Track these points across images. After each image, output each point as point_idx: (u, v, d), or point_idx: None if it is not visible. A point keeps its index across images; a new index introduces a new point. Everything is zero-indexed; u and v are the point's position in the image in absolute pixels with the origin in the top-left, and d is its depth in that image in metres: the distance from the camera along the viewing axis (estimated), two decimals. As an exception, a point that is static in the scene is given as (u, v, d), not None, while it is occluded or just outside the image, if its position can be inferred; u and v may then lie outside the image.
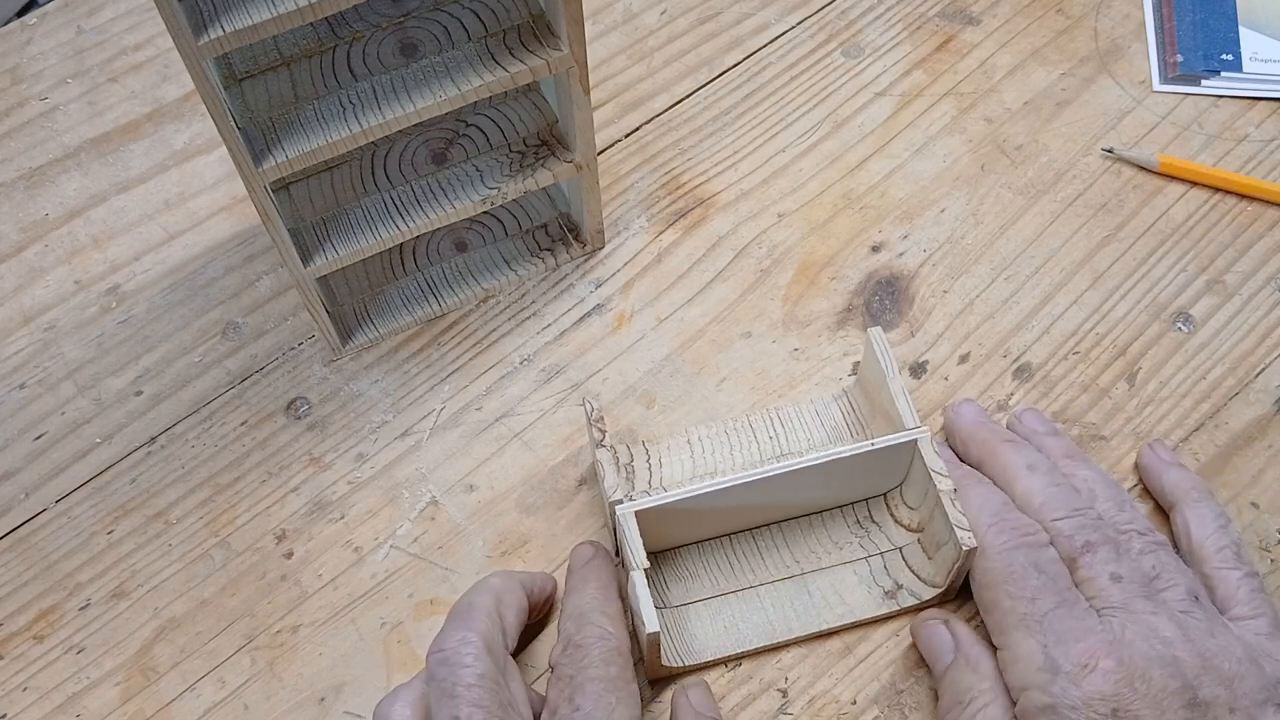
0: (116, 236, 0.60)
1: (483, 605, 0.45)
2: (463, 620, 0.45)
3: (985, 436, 0.50)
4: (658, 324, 0.57)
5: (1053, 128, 0.61)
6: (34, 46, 0.66)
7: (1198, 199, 0.59)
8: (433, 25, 0.50)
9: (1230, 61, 0.62)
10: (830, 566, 0.50)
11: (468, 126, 0.54)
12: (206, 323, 0.58)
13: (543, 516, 0.52)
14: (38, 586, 0.51)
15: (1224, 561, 0.47)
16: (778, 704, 0.48)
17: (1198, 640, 0.43)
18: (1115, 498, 0.48)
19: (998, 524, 0.46)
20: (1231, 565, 0.47)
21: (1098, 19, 0.65)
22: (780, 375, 0.55)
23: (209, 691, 0.49)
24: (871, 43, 0.65)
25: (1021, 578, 0.45)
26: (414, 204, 0.52)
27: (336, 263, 0.51)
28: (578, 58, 0.48)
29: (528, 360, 0.56)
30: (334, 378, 0.56)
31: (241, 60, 0.49)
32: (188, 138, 0.63)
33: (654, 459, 0.51)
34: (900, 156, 0.61)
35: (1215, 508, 0.49)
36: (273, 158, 0.47)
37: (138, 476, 0.54)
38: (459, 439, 0.54)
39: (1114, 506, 0.47)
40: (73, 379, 0.56)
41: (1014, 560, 0.45)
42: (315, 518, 0.53)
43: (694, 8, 0.66)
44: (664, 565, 0.50)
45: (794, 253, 0.58)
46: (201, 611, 0.51)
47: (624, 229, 0.59)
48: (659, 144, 0.62)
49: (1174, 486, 0.50)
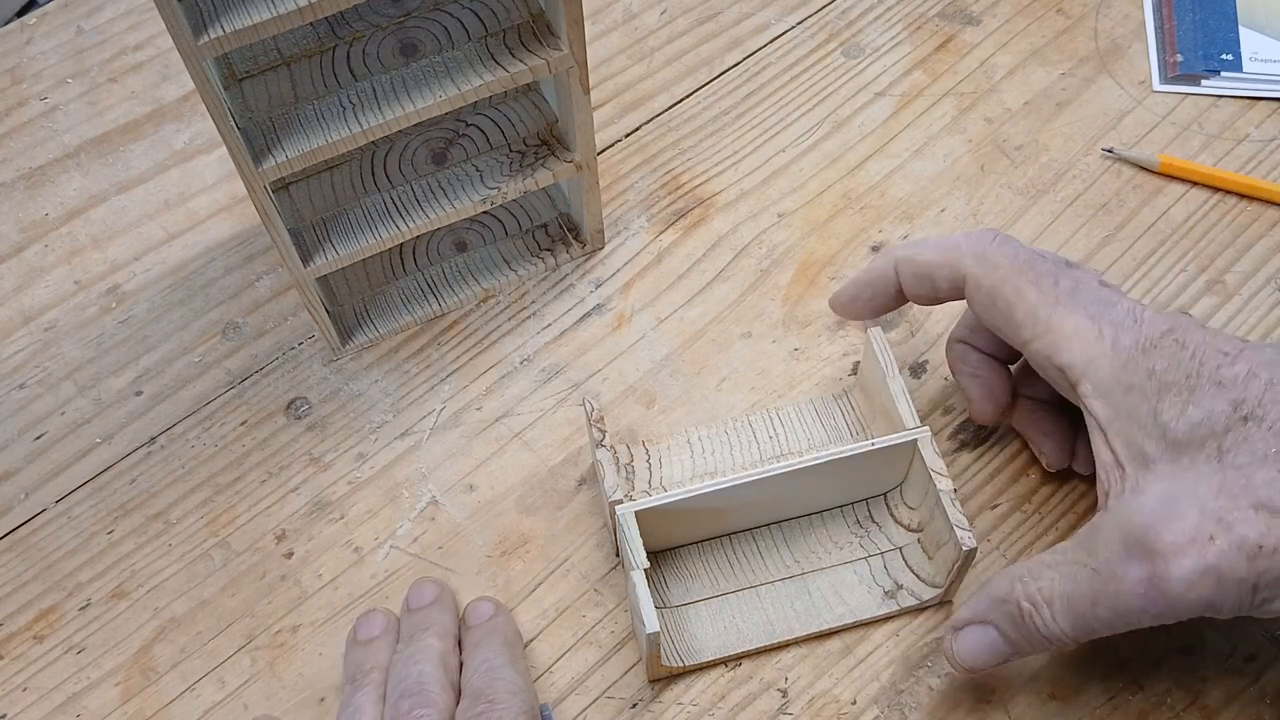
0: (116, 236, 0.60)
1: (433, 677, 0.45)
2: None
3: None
4: (658, 324, 0.57)
5: (1053, 128, 0.61)
6: (34, 46, 0.66)
7: (1198, 199, 0.59)
8: (433, 25, 0.50)
9: (1230, 61, 0.62)
10: (830, 566, 0.50)
11: (468, 126, 0.54)
12: (206, 323, 0.58)
13: (543, 516, 0.52)
14: (38, 586, 0.51)
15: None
16: (778, 704, 0.48)
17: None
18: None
19: (983, 233, 0.46)
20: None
21: (1098, 19, 0.65)
22: (780, 375, 0.55)
23: (209, 691, 0.49)
24: (871, 43, 0.65)
25: (1034, 260, 0.44)
26: (414, 204, 0.52)
27: (336, 263, 0.51)
28: (578, 58, 0.48)
29: (528, 360, 0.56)
30: (334, 378, 0.56)
31: (241, 60, 0.49)
32: (188, 138, 0.63)
33: (654, 459, 0.51)
34: (900, 156, 0.61)
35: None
36: (273, 158, 0.47)
37: (138, 476, 0.54)
38: (459, 439, 0.54)
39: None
40: (73, 379, 0.56)
41: (1018, 251, 0.44)
42: (315, 518, 0.53)
43: (694, 8, 0.66)
44: (664, 565, 0.50)
45: (794, 253, 0.58)
46: (201, 611, 0.51)
47: (624, 229, 0.59)
48: (659, 144, 0.62)
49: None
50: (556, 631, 0.50)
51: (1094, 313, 0.42)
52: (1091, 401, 0.42)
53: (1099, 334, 0.42)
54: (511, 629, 0.48)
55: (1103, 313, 0.42)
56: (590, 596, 0.50)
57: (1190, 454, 0.40)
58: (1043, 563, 0.42)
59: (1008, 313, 0.44)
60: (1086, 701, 0.47)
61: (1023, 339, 0.43)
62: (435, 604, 0.48)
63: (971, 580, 0.50)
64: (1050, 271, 0.43)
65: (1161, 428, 0.40)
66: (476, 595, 0.50)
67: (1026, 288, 0.43)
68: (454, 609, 0.49)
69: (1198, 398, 0.40)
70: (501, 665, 0.45)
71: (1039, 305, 0.43)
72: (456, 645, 0.47)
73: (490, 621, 0.48)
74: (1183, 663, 0.48)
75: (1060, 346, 0.42)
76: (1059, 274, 0.43)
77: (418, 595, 0.49)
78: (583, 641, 0.49)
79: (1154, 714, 0.47)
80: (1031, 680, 0.48)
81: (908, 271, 0.48)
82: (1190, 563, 0.38)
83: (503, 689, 0.44)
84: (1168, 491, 0.39)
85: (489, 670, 0.45)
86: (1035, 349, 0.43)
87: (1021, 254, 0.44)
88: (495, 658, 0.46)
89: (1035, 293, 0.43)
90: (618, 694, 0.48)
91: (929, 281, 0.47)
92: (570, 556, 0.51)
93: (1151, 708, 0.47)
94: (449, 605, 0.49)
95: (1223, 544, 0.38)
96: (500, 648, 0.46)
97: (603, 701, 0.48)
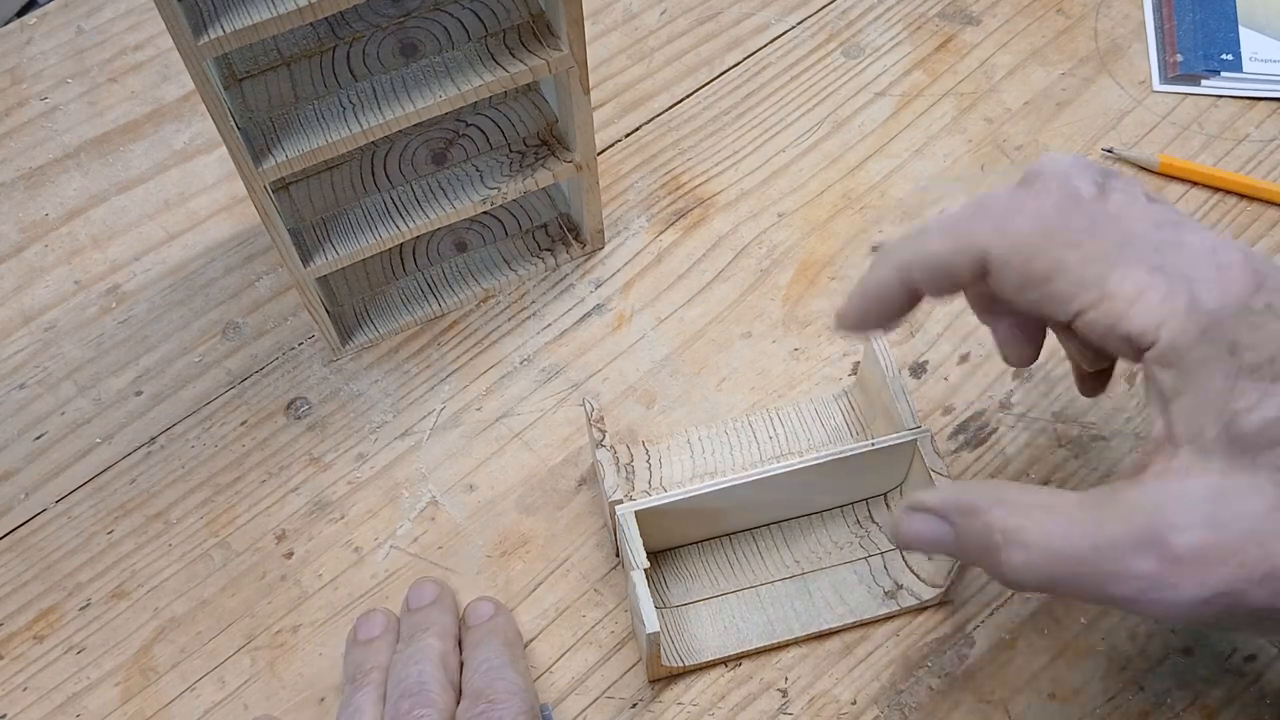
0: (116, 236, 0.60)
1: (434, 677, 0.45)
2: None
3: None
4: (658, 324, 0.57)
5: (1053, 128, 0.61)
6: (34, 46, 0.66)
7: (1198, 199, 0.59)
8: (433, 25, 0.50)
9: (1230, 61, 0.62)
10: (830, 566, 0.50)
11: (468, 126, 0.54)
12: (206, 323, 0.58)
13: (543, 516, 0.52)
14: (38, 586, 0.51)
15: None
16: (778, 704, 0.48)
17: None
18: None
19: (992, 199, 0.38)
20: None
21: (1098, 19, 0.65)
22: (780, 375, 0.55)
23: (209, 691, 0.49)
24: (871, 43, 0.65)
25: (1066, 212, 0.36)
26: (414, 204, 0.52)
27: (336, 263, 0.51)
28: (578, 58, 0.48)
29: (528, 360, 0.56)
30: (334, 378, 0.56)
31: (241, 60, 0.49)
32: (188, 138, 0.63)
33: (654, 459, 0.51)
34: (900, 156, 0.61)
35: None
36: (273, 158, 0.47)
37: (138, 476, 0.54)
38: (459, 439, 0.54)
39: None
40: (73, 379, 0.56)
41: (1042, 208, 0.37)
42: (315, 518, 0.53)
43: (694, 8, 0.66)
44: (664, 565, 0.50)
45: (794, 253, 0.58)
46: (201, 611, 0.51)
47: (624, 229, 0.59)
48: (659, 144, 0.62)
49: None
50: (556, 631, 0.50)
51: (1159, 262, 0.35)
52: (1157, 370, 0.35)
53: (1170, 291, 0.34)
54: (511, 629, 0.48)
55: (1170, 260, 0.35)
56: (590, 596, 0.50)
57: (1254, 455, 0.33)
58: (1037, 503, 0.36)
59: (1047, 289, 0.36)
60: (1086, 701, 0.47)
61: (1072, 311, 0.36)
62: (435, 604, 0.48)
63: (972, 580, 0.50)
64: (1088, 221, 0.36)
65: (1230, 416, 0.34)
66: (476, 595, 0.50)
67: (1064, 253, 0.36)
68: (454, 609, 0.49)
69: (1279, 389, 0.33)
70: (501, 665, 0.45)
71: (1085, 268, 0.35)
72: (456, 645, 0.47)
73: (490, 621, 0.48)
74: (1183, 663, 0.48)
75: (1123, 314, 0.35)
76: (1098, 221, 0.36)
77: (418, 595, 0.49)
78: (583, 641, 0.49)
79: (1154, 714, 0.47)
80: (1031, 680, 0.48)
81: (920, 273, 0.39)
82: (1211, 582, 0.33)
83: (503, 689, 0.44)
84: (1215, 491, 0.34)
85: (489, 670, 0.45)
86: (1090, 320, 0.35)
87: (1046, 210, 0.36)
88: (495, 658, 0.46)
89: (1077, 256, 0.35)
90: (618, 694, 0.48)
91: (947, 276, 0.39)
92: (570, 556, 0.51)
93: (1152, 708, 0.47)
94: (449, 605, 0.49)
95: (1252, 572, 0.33)
96: (500, 648, 0.46)
97: (603, 701, 0.48)
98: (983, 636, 0.49)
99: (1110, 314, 0.35)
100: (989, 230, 0.37)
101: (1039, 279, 0.36)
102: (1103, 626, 0.49)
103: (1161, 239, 0.35)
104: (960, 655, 0.48)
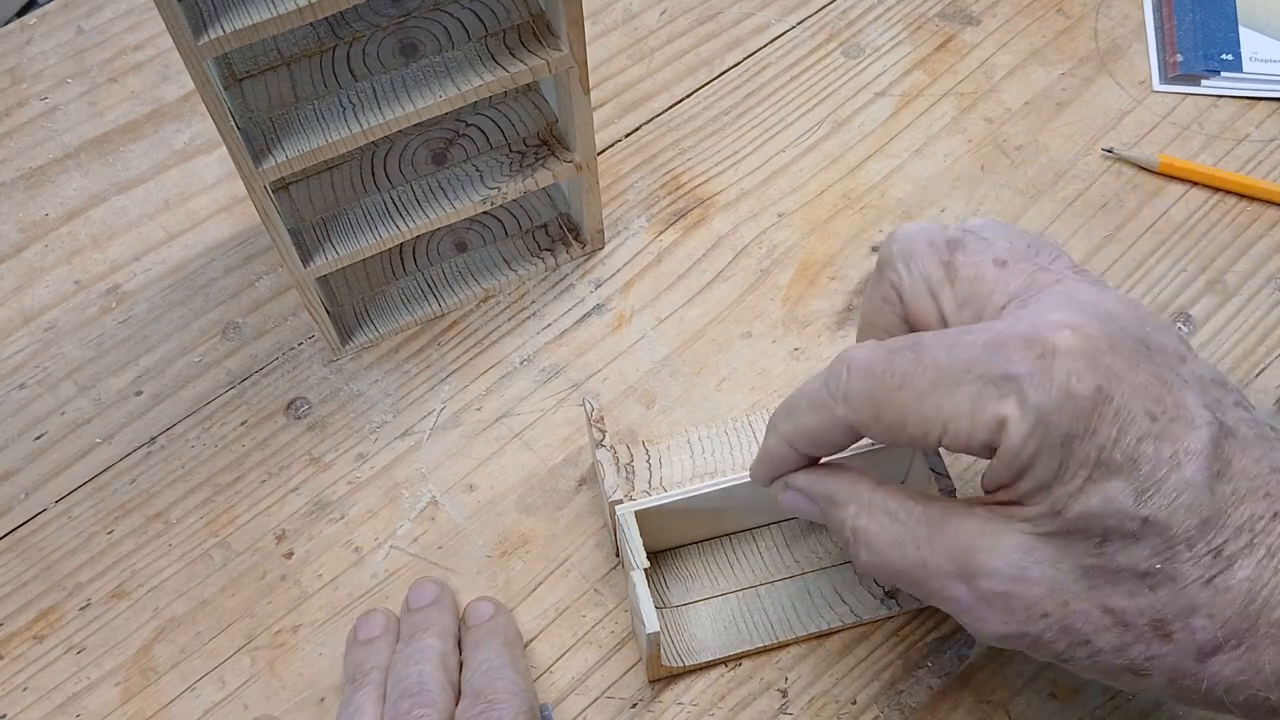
0: (116, 236, 0.60)
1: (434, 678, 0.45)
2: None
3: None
4: (658, 324, 0.57)
5: (1053, 128, 0.61)
6: (34, 46, 0.66)
7: (1198, 199, 0.59)
8: (433, 25, 0.50)
9: (1230, 61, 0.62)
10: (830, 566, 0.50)
11: (468, 126, 0.54)
12: (206, 323, 0.58)
13: (543, 516, 0.52)
14: (38, 586, 0.51)
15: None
16: (778, 704, 0.48)
17: (1113, 295, 0.37)
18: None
19: (846, 355, 0.38)
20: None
21: (1098, 19, 0.65)
22: (780, 375, 0.55)
23: (209, 691, 0.49)
24: (871, 43, 0.65)
25: (891, 357, 0.37)
26: (414, 204, 0.52)
27: (336, 263, 0.51)
28: (578, 58, 0.48)
29: (528, 360, 0.56)
30: (334, 378, 0.56)
31: (241, 60, 0.49)
32: (188, 138, 0.63)
33: (654, 459, 0.51)
34: (900, 156, 0.61)
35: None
36: (273, 158, 0.47)
37: (138, 476, 0.54)
38: (459, 439, 0.54)
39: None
40: (73, 379, 0.56)
41: (873, 361, 0.37)
42: (315, 518, 0.53)
43: (694, 8, 0.66)
44: (664, 565, 0.50)
45: (794, 253, 0.58)
46: (201, 611, 0.51)
47: (624, 229, 0.59)
48: (659, 144, 0.62)
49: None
50: (556, 631, 0.50)
51: (985, 368, 0.35)
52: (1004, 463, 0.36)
53: (1000, 397, 0.35)
54: (511, 629, 0.48)
55: (997, 361, 0.35)
56: (590, 596, 0.50)
57: (1070, 536, 0.35)
58: (885, 507, 0.39)
59: (904, 435, 0.37)
60: (1086, 701, 0.47)
61: (932, 443, 0.37)
62: (435, 604, 0.48)
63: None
64: (912, 354, 0.36)
65: (1056, 499, 0.35)
66: (476, 595, 0.50)
67: (900, 398, 0.36)
68: (454, 609, 0.49)
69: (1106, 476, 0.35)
70: (501, 665, 0.45)
71: (923, 406, 0.36)
72: (456, 645, 0.47)
73: (490, 621, 0.48)
74: (1183, 663, 0.48)
75: (968, 433, 0.35)
76: (922, 347, 0.36)
77: (418, 595, 0.49)
78: (583, 641, 0.49)
79: (1154, 714, 0.47)
80: (1031, 680, 0.48)
81: (805, 446, 0.41)
82: (1012, 623, 0.36)
83: (503, 689, 0.44)
84: (1029, 548, 0.36)
85: (489, 670, 0.45)
86: (949, 444, 0.36)
87: (874, 361, 0.37)
88: (495, 658, 0.46)
89: (911, 395, 0.36)
90: (618, 694, 0.48)
91: (828, 445, 0.40)
92: (570, 556, 0.51)
93: (1152, 708, 0.47)
94: (449, 605, 0.49)
95: (1050, 624, 0.36)
96: (500, 648, 0.46)
97: (603, 701, 0.48)
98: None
99: (959, 436, 0.36)
100: (840, 399, 0.38)
101: (895, 428, 0.37)
102: (1103, 626, 0.49)
103: (989, 340, 0.35)
104: (960, 655, 0.48)
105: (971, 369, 0.35)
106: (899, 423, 0.37)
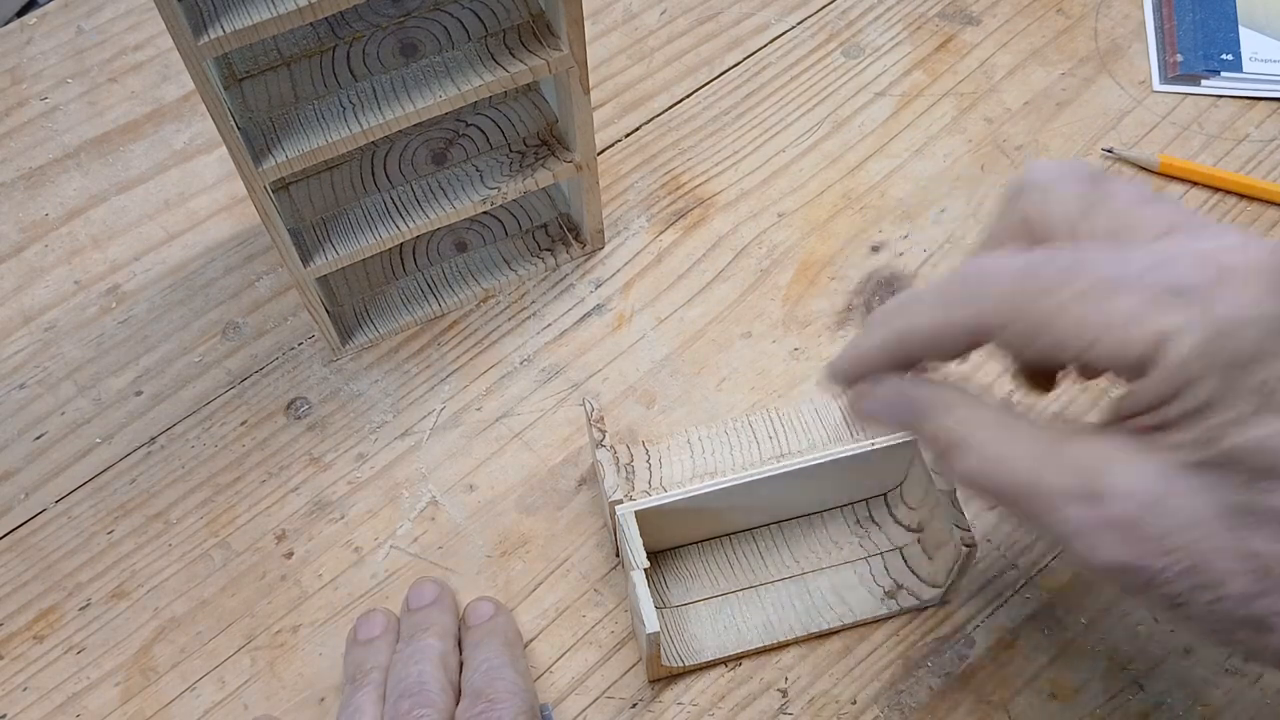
0: (116, 236, 0.60)
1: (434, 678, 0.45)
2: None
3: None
4: (658, 324, 0.57)
5: (1053, 128, 0.61)
6: (34, 46, 0.66)
7: (1198, 199, 0.59)
8: (433, 25, 0.50)
9: (1230, 61, 0.62)
10: (830, 566, 0.50)
11: (468, 126, 0.54)
12: (206, 323, 0.58)
13: (543, 516, 0.52)
14: (38, 586, 0.51)
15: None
16: (778, 704, 0.48)
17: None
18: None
19: (991, 258, 0.36)
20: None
21: (1098, 19, 0.65)
22: (780, 375, 0.55)
23: (209, 691, 0.49)
24: (871, 43, 0.65)
25: (1051, 263, 0.34)
26: (414, 204, 0.52)
27: (336, 263, 0.51)
28: (578, 58, 0.48)
29: (528, 360, 0.56)
30: (334, 378, 0.56)
31: (241, 60, 0.49)
32: (188, 138, 0.63)
33: (654, 459, 0.51)
34: (900, 156, 0.61)
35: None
36: (273, 158, 0.47)
37: (138, 476, 0.54)
38: (459, 439, 0.54)
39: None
40: (73, 379, 0.56)
41: (1031, 261, 0.34)
42: (315, 518, 0.53)
43: (694, 8, 0.66)
44: (664, 565, 0.50)
45: (794, 253, 0.58)
46: (201, 611, 0.51)
47: (624, 229, 0.59)
48: (659, 144, 0.62)
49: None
50: (556, 631, 0.50)
51: (1155, 279, 0.32)
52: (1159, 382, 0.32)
53: (1169, 308, 0.32)
54: (511, 629, 0.48)
55: (1168, 274, 0.32)
56: (590, 596, 0.50)
57: (1220, 468, 0.32)
58: (996, 418, 0.35)
59: (1043, 342, 0.34)
60: (1086, 701, 0.47)
61: (1072, 356, 0.34)
62: (435, 604, 0.48)
63: (972, 580, 0.50)
64: (1069, 259, 0.34)
65: (1213, 428, 0.32)
66: (476, 595, 0.50)
67: (1051, 301, 0.33)
68: (454, 609, 0.49)
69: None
70: (501, 665, 0.45)
71: (1073, 312, 0.33)
72: (456, 645, 0.47)
73: (490, 621, 0.48)
74: (1183, 663, 0.48)
75: (1121, 344, 0.32)
76: (1083, 254, 0.34)
77: (418, 595, 0.49)
78: (583, 641, 0.49)
79: (1154, 714, 0.47)
80: (1032, 680, 0.48)
81: (915, 347, 0.37)
82: (1130, 554, 0.32)
83: (503, 689, 0.44)
84: (1168, 476, 0.32)
85: (489, 670, 0.45)
86: (1094, 359, 0.33)
87: (1028, 262, 0.34)
88: (495, 658, 0.46)
89: (1066, 297, 0.33)
90: (618, 694, 0.48)
91: (941, 348, 0.37)
92: (570, 556, 0.51)
93: (1152, 708, 0.47)
94: (449, 605, 0.49)
95: (1176, 561, 0.32)
96: (500, 648, 0.46)
97: (603, 701, 0.48)
98: (983, 636, 0.49)
99: (1109, 348, 0.33)
100: (974, 298, 0.35)
101: (1032, 334, 0.34)
102: (1103, 626, 0.49)
103: (1156, 254, 0.33)
104: (960, 655, 0.48)
105: (1142, 277, 0.32)
106: (1041, 326, 0.33)
